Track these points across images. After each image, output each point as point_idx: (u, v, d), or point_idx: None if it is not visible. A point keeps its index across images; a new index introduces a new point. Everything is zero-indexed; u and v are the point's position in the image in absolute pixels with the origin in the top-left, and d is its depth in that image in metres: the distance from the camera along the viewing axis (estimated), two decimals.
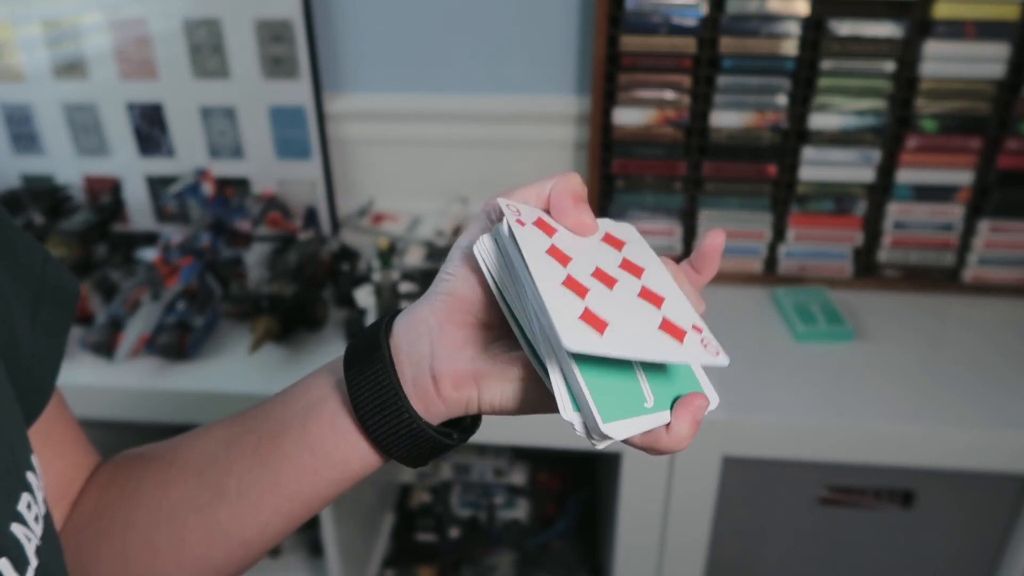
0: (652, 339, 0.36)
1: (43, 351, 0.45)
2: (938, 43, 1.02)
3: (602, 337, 0.34)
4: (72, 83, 1.16)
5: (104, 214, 1.17)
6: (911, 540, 1.03)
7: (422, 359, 0.41)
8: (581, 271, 0.38)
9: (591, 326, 0.35)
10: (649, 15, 1.04)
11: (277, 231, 1.16)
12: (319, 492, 0.44)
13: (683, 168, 1.12)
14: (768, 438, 0.92)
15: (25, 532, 0.36)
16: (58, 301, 0.47)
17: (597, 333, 0.34)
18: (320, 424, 0.43)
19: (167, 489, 0.46)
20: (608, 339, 0.34)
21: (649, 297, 0.39)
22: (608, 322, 0.35)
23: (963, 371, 0.98)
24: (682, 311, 0.39)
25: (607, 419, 0.35)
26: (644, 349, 0.35)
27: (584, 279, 0.38)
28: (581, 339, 0.33)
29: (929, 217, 1.11)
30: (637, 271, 0.40)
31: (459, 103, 1.21)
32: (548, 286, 0.36)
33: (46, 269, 0.47)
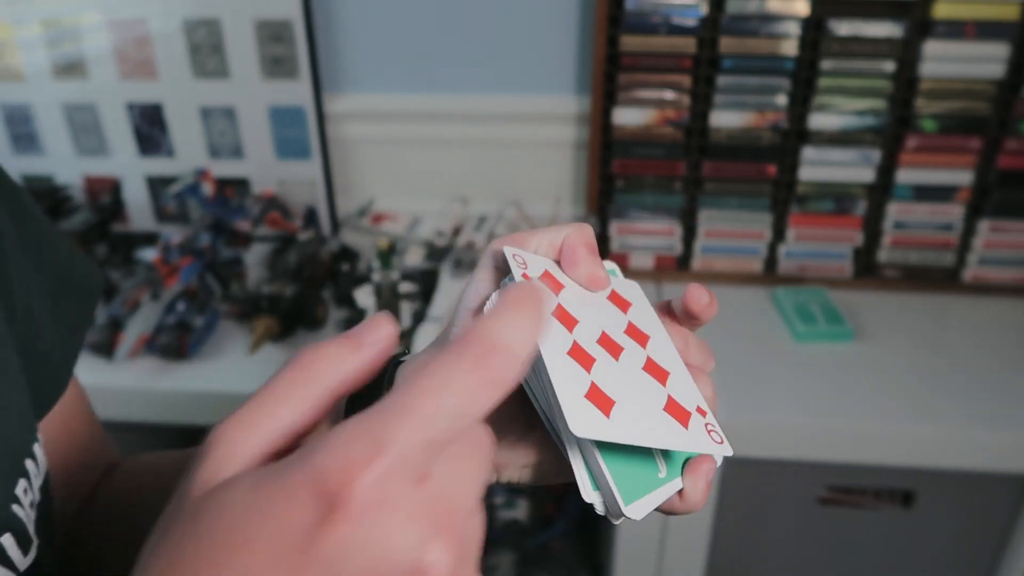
0: (657, 423, 0.35)
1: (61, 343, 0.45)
2: (938, 43, 1.02)
3: (608, 421, 0.33)
4: (72, 83, 1.16)
5: (104, 214, 1.17)
6: (911, 540, 1.03)
7: None
8: (587, 337, 0.37)
9: (597, 407, 0.34)
10: (649, 15, 1.04)
11: (277, 231, 1.16)
12: None
13: (683, 168, 1.12)
14: (768, 438, 0.92)
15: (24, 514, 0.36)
16: (80, 294, 0.47)
17: (603, 416, 0.33)
18: None
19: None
20: (615, 423, 0.33)
21: (654, 371, 0.38)
22: (615, 401, 0.34)
23: (963, 371, 0.98)
24: (686, 390, 0.38)
25: (628, 501, 0.35)
26: (650, 436, 0.34)
27: (590, 347, 0.36)
28: (588, 424, 0.32)
29: (929, 217, 1.11)
30: (643, 339, 0.39)
31: (459, 103, 1.21)
32: (555, 359, 0.34)
33: (71, 262, 0.47)
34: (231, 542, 0.23)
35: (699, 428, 0.36)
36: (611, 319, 0.39)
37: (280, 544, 0.23)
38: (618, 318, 0.39)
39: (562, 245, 0.39)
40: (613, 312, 0.39)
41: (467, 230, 1.15)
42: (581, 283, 0.39)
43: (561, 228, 0.39)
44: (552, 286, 0.38)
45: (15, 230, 0.42)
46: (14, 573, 0.35)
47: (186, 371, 0.98)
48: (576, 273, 0.39)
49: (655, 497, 0.36)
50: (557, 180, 1.24)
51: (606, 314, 0.39)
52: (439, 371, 0.24)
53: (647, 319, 0.40)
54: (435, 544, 0.24)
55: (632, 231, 1.16)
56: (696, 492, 0.37)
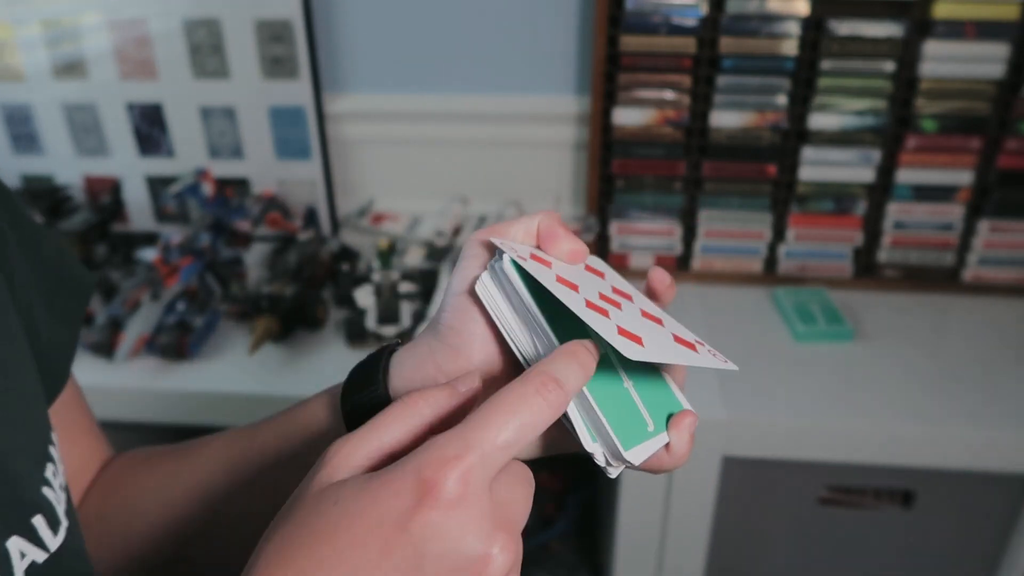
0: (678, 350, 0.38)
1: (59, 338, 0.47)
2: (938, 43, 1.02)
3: (645, 348, 0.36)
4: (72, 83, 1.16)
5: (104, 214, 1.17)
6: (911, 540, 1.03)
7: None
8: (592, 296, 0.40)
9: (631, 340, 0.36)
10: (649, 15, 1.04)
11: (277, 231, 1.16)
12: None
13: (683, 168, 1.12)
14: (768, 438, 0.92)
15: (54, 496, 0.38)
16: (73, 291, 0.49)
17: (639, 344, 0.36)
18: None
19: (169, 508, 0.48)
20: (651, 349, 0.36)
21: (651, 318, 0.41)
22: (640, 336, 0.37)
23: (963, 371, 0.98)
24: (680, 329, 0.42)
25: (627, 447, 0.37)
26: (684, 357, 0.38)
27: (598, 302, 0.39)
28: (636, 350, 0.35)
29: (929, 217, 1.11)
30: (628, 297, 0.43)
31: (459, 103, 1.21)
32: (579, 308, 0.37)
33: (63, 261, 0.48)
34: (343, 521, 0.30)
35: (707, 353, 0.40)
36: (598, 284, 0.42)
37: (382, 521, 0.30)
38: (602, 283, 0.43)
39: (539, 229, 0.42)
40: (596, 279, 0.43)
41: (467, 230, 1.15)
42: (563, 259, 0.42)
43: (532, 217, 0.43)
44: (543, 264, 0.41)
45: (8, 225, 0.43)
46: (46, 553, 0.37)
47: (186, 371, 0.98)
48: (558, 250, 0.42)
49: (648, 446, 0.38)
50: (557, 180, 1.25)
51: (592, 281, 0.42)
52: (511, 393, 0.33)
53: (622, 283, 0.45)
54: (499, 542, 0.30)
55: (632, 231, 1.16)
56: (681, 445, 0.40)
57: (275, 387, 0.96)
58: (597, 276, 0.44)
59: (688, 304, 1.12)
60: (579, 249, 0.42)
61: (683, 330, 0.42)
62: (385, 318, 0.99)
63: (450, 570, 0.30)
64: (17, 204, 0.45)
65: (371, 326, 0.99)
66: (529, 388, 0.33)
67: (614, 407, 0.38)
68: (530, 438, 0.33)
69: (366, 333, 1.00)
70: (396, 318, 0.99)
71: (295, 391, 0.95)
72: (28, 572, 0.35)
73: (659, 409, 0.40)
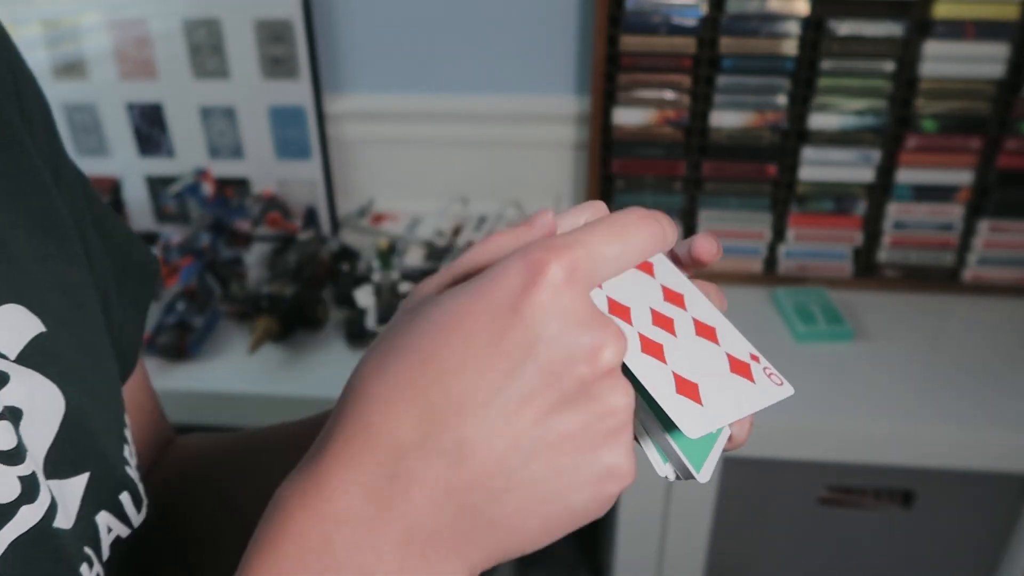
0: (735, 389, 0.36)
1: (129, 321, 0.47)
2: (938, 43, 1.02)
3: (703, 408, 0.35)
4: (72, 83, 1.16)
5: None
6: (911, 540, 1.03)
7: None
8: (644, 322, 0.37)
9: (689, 398, 0.35)
10: (649, 15, 1.04)
11: (277, 231, 1.16)
12: None
13: (683, 168, 1.12)
14: (768, 438, 0.92)
15: (135, 475, 0.39)
16: (141, 276, 0.49)
17: (698, 405, 0.35)
18: None
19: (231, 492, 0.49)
20: (708, 408, 0.35)
21: (705, 332, 0.39)
22: (697, 383, 0.35)
23: (963, 371, 0.98)
24: (735, 340, 0.39)
25: (699, 468, 0.37)
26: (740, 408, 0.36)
27: (652, 332, 0.37)
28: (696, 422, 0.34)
29: (929, 217, 1.11)
30: (680, 300, 0.40)
31: (459, 103, 1.21)
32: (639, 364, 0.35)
33: (130, 243, 0.49)
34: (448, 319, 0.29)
35: (763, 378, 0.38)
36: (649, 289, 0.39)
37: (490, 308, 0.29)
38: (652, 285, 0.39)
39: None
40: (645, 279, 0.40)
41: (467, 230, 1.15)
42: None
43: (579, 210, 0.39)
44: None
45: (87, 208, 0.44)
46: (129, 529, 0.38)
47: (186, 371, 0.98)
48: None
49: (715, 453, 0.37)
50: (557, 180, 1.24)
51: (642, 285, 0.39)
52: (615, 217, 0.33)
53: (670, 274, 0.41)
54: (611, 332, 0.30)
55: None
56: (743, 432, 0.38)
57: (275, 387, 0.96)
58: (645, 273, 0.40)
59: None
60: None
61: (736, 340, 0.39)
62: (385, 318, 0.99)
63: (564, 357, 0.29)
64: (88, 186, 0.46)
65: (371, 326, 0.99)
66: (632, 216, 0.33)
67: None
68: (633, 262, 0.33)
69: (366, 333, 1.00)
70: None
71: (295, 391, 0.95)
72: (113, 546, 0.36)
73: None
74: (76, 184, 0.45)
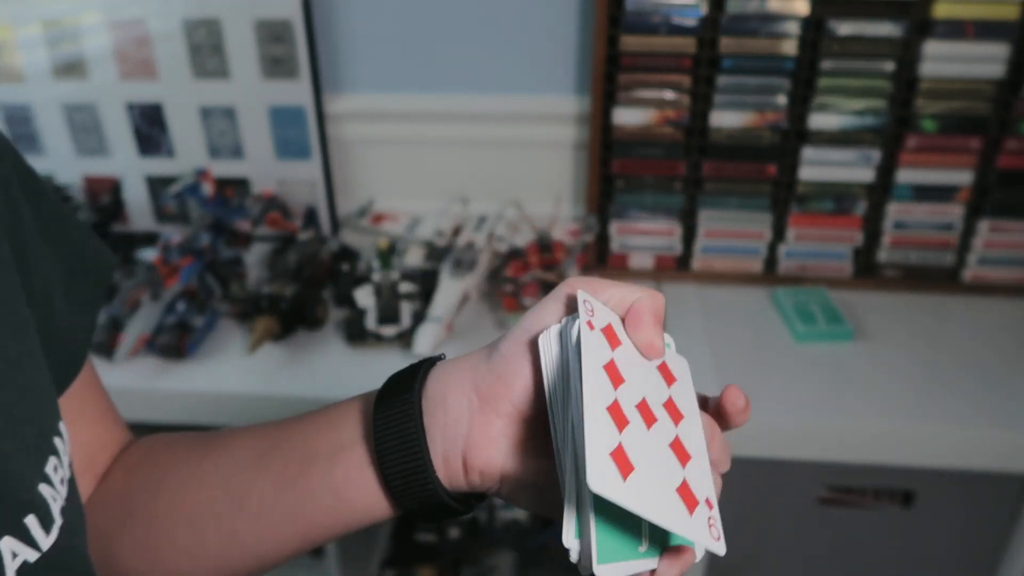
0: (666, 500, 0.36)
1: (76, 323, 0.46)
2: (938, 43, 1.02)
3: (624, 484, 0.34)
4: (72, 83, 1.16)
5: (104, 214, 1.17)
6: (911, 540, 1.03)
7: (457, 438, 0.41)
8: (628, 399, 0.38)
9: (618, 467, 0.34)
10: (649, 15, 1.04)
11: (277, 231, 1.16)
12: (337, 527, 0.46)
13: (683, 168, 1.12)
14: (768, 438, 0.92)
15: (51, 492, 0.38)
16: (93, 275, 0.48)
17: (621, 478, 0.34)
18: (347, 472, 0.44)
19: (191, 491, 0.48)
20: (629, 488, 0.34)
21: (679, 451, 0.38)
22: (635, 467, 0.35)
23: (963, 371, 0.98)
24: (702, 478, 0.38)
25: (601, 560, 0.36)
26: (656, 511, 0.35)
27: (628, 409, 0.37)
28: (606, 482, 0.33)
29: (929, 217, 1.11)
30: (677, 417, 0.40)
31: (459, 103, 1.21)
32: (594, 408, 0.35)
33: (84, 241, 0.48)
34: None
35: (702, 519, 0.37)
36: (655, 389, 0.40)
37: None
38: (661, 390, 0.40)
39: (631, 306, 0.41)
40: (658, 383, 0.40)
41: (467, 230, 1.15)
42: (638, 347, 0.40)
43: (637, 289, 0.41)
44: (610, 341, 0.39)
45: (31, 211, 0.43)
46: (38, 552, 0.36)
47: (186, 371, 0.98)
48: (636, 336, 0.40)
49: (627, 567, 0.37)
50: (557, 180, 1.24)
51: (651, 383, 0.40)
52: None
53: (686, 399, 0.41)
54: None
55: (632, 231, 1.16)
56: None
57: (275, 387, 0.96)
58: (663, 380, 0.41)
59: (688, 304, 1.12)
60: (655, 345, 0.40)
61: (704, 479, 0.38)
62: (385, 318, 0.99)
63: None
64: (38, 182, 0.45)
65: (371, 326, 0.99)
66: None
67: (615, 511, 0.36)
68: None
69: (366, 333, 1.00)
70: (396, 318, 0.99)
71: (295, 391, 0.95)
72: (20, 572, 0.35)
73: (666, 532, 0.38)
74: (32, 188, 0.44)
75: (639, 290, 0.41)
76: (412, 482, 0.42)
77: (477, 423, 0.41)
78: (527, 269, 1.05)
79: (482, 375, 0.41)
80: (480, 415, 0.41)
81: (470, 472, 0.42)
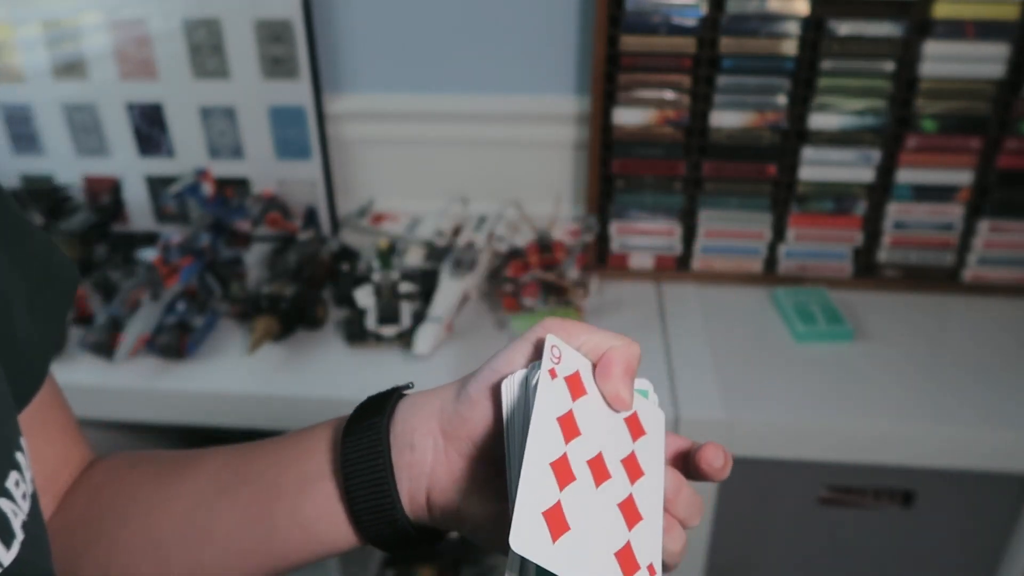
0: (601, 565, 0.35)
1: (38, 336, 0.45)
2: (938, 43, 1.02)
3: (552, 545, 0.33)
4: (72, 83, 1.16)
5: (104, 214, 1.17)
6: (911, 540, 1.03)
7: (422, 476, 0.42)
8: (580, 454, 0.36)
9: (549, 527, 0.33)
10: (649, 15, 1.04)
11: (277, 231, 1.16)
12: (304, 558, 0.46)
13: (683, 168, 1.12)
14: (768, 438, 0.92)
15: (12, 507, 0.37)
16: (57, 288, 0.47)
17: (550, 538, 0.33)
18: (315, 507, 0.44)
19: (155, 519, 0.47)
20: (557, 550, 0.33)
21: (628, 512, 0.37)
22: (569, 528, 0.34)
23: (963, 371, 0.98)
24: (649, 543, 0.37)
25: None
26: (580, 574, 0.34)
27: (577, 465, 0.36)
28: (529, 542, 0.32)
29: (929, 217, 1.11)
30: (636, 474, 0.39)
31: (459, 103, 1.21)
32: (534, 463, 0.34)
33: (49, 256, 0.47)
34: None
35: None
36: (615, 443, 0.38)
37: None
38: (623, 444, 0.39)
39: (603, 354, 0.40)
40: (622, 436, 0.39)
41: (467, 230, 1.15)
42: (605, 398, 0.39)
43: (612, 337, 0.40)
44: (574, 390, 0.38)
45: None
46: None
47: (186, 371, 0.98)
48: (604, 387, 0.39)
49: None
50: (557, 180, 1.24)
51: (614, 435, 0.39)
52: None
53: (651, 456, 0.40)
54: None
55: (632, 231, 1.16)
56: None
57: (275, 387, 0.95)
58: (629, 433, 0.39)
59: (688, 304, 1.12)
60: (622, 398, 0.39)
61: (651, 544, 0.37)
62: (385, 318, 0.99)
63: None
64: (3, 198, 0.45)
65: (371, 326, 0.99)
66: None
67: None
68: None
69: (366, 333, 1.00)
70: (396, 318, 0.99)
71: (295, 391, 0.95)
72: None
73: None
74: None
75: (615, 338, 0.40)
76: (380, 518, 0.42)
77: (441, 463, 0.41)
78: (527, 269, 1.05)
79: (448, 415, 0.41)
80: (444, 455, 0.41)
81: (432, 510, 0.42)
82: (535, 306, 1.03)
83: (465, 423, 0.41)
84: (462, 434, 0.41)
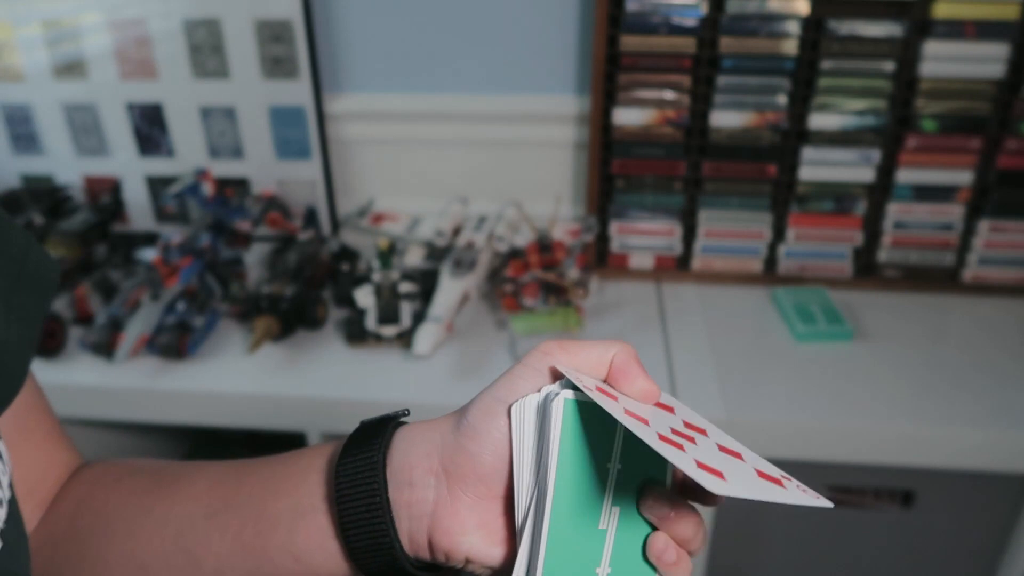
0: (763, 486, 0.36)
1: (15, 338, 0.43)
2: (938, 43, 1.02)
3: (728, 483, 0.34)
4: (72, 83, 1.16)
5: (104, 214, 1.17)
6: (911, 540, 1.03)
7: (423, 517, 0.40)
8: (664, 430, 0.37)
9: (713, 474, 0.34)
10: (649, 15, 1.04)
11: (277, 231, 1.16)
12: None
13: (683, 168, 1.12)
14: (768, 438, 0.92)
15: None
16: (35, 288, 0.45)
17: (722, 480, 0.34)
18: (308, 539, 0.43)
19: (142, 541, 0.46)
20: (735, 484, 0.34)
21: (729, 452, 0.38)
22: (721, 470, 0.35)
23: (963, 371, 0.98)
24: (764, 464, 0.38)
25: None
26: (770, 492, 0.35)
27: (672, 436, 0.37)
28: (720, 485, 0.33)
29: (929, 217, 1.11)
30: (702, 431, 0.40)
31: (459, 103, 1.21)
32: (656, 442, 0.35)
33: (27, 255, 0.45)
34: None
35: (794, 488, 0.37)
36: (669, 420, 0.39)
37: None
38: (672, 418, 0.40)
39: (613, 363, 0.40)
40: (666, 415, 0.40)
41: (467, 230, 1.15)
42: (635, 397, 0.40)
43: (609, 345, 0.41)
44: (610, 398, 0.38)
45: None
46: None
47: (186, 371, 0.98)
48: (631, 388, 0.40)
49: None
50: (557, 180, 1.24)
51: (662, 416, 0.39)
52: None
53: (695, 417, 0.41)
54: None
55: (632, 231, 1.16)
56: None
57: (275, 387, 0.96)
58: (667, 411, 0.41)
59: (688, 304, 1.12)
60: (652, 389, 0.40)
61: (767, 465, 0.38)
62: (385, 318, 0.99)
63: None
64: None
65: (371, 326, 0.99)
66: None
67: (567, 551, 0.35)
68: None
69: (366, 333, 1.00)
70: (396, 318, 0.99)
71: (295, 391, 0.95)
72: None
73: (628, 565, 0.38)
74: None
75: (611, 345, 0.41)
76: (378, 555, 0.41)
77: (444, 504, 0.40)
78: (527, 269, 1.05)
79: (450, 451, 0.40)
80: (448, 495, 0.40)
81: (435, 552, 0.41)
82: (535, 306, 1.03)
83: (469, 458, 0.39)
84: (466, 471, 0.39)
